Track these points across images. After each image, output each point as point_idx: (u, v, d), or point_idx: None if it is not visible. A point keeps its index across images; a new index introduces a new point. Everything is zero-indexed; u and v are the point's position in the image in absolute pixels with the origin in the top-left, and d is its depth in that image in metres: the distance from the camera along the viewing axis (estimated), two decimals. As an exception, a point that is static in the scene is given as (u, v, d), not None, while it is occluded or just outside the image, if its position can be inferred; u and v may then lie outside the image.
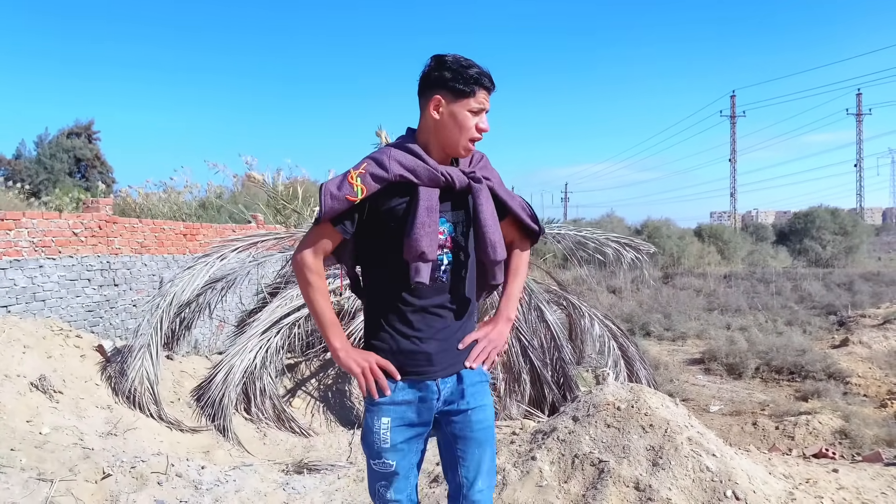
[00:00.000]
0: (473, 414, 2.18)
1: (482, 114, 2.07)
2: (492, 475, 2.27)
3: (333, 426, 6.83)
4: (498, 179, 2.20)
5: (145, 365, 5.82)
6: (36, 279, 7.61)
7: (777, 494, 3.34)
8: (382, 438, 2.13)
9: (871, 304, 18.29)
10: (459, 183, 2.07)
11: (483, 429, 2.21)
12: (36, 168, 28.48)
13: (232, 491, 3.92)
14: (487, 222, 2.10)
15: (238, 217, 14.33)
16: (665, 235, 30.22)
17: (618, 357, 7.18)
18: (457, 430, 2.21)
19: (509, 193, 2.23)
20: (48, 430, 4.43)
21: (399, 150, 2.07)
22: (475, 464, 2.20)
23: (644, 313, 18.12)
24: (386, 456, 2.14)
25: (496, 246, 2.11)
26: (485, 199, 2.10)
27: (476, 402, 2.19)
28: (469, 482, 2.21)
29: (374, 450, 2.14)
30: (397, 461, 2.15)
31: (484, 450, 2.21)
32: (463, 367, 2.17)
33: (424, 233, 2.01)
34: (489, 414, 2.24)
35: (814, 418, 8.75)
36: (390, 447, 2.13)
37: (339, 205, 2.02)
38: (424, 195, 2.03)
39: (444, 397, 2.15)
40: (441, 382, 2.13)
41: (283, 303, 6.78)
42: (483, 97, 2.06)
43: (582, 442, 3.52)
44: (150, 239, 9.76)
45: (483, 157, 2.20)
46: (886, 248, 44.31)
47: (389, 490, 2.18)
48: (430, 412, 2.15)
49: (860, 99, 56.09)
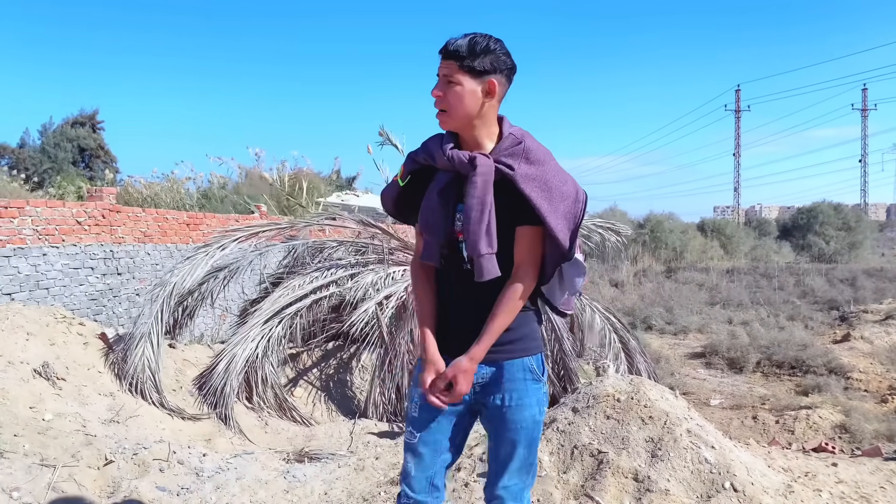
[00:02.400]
0: (509, 412, 2.13)
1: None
2: (523, 475, 2.20)
3: (335, 416, 6.86)
4: (534, 173, 2.00)
5: (147, 353, 5.84)
6: (39, 267, 7.63)
7: (775, 487, 3.35)
8: (413, 408, 2.21)
9: (873, 299, 18.27)
10: (461, 168, 2.04)
11: (519, 429, 2.14)
12: (40, 157, 28.51)
13: (233, 478, 3.94)
14: (470, 214, 2.01)
15: (241, 207, 14.34)
16: (668, 230, 30.16)
17: (618, 350, 7.20)
18: (491, 425, 2.20)
19: (547, 194, 1.99)
20: (51, 417, 4.45)
21: (435, 136, 2.13)
22: (504, 460, 2.19)
23: (646, 307, 18.11)
24: (412, 426, 2.21)
25: (476, 240, 2.00)
26: (477, 188, 1.99)
27: (514, 400, 2.12)
28: (496, 476, 2.21)
29: (407, 419, 2.24)
30: (421, 435, 2.19)
31: (516, 449, 2.16)
32: (503, 358, 2.10)
33: (428, 213, 2.09)
34: (528, 415, 2.14)
35: (814, 413, 8.76)
36: (417, 418, 2.19)
37: (389, 190, 2.23)
38: (438, 178, 2.10)
39: (478, 382, 2.12)
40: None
41: (285, 293, 6.79)
42: (442, 64, 2.03)
43: (581, 433, 3.53)
44: (154, 228, 9.77)
45: (518, 144, 2.04)
46: (890, 244, 44.18)
47: (410, 463, 2.22)
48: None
49: (865, 94, 55.84)
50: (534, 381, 2.14)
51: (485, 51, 1.99)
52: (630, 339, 7.52)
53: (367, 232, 7.98)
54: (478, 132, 2.06)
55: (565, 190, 2.02)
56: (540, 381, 2.17)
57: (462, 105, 2.00)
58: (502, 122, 2.10)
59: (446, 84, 2.01)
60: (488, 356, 2.09)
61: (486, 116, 2.05)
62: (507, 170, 2.00)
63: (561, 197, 2.01)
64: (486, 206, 1.99)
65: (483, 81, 2.00)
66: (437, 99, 2.02)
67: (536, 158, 2.02)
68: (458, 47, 1.98)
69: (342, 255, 7.88)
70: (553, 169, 2.04)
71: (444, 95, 2.01)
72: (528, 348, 2.14)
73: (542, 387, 2.18)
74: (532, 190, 1.98)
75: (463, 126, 2.06)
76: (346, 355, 7.60)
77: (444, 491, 2.29)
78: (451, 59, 2.00)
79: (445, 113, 2.03)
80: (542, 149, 2.06)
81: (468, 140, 2.07)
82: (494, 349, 2.09)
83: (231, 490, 3.80)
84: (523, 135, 2.07)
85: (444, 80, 2.01)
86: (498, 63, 2.02)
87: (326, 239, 8.37)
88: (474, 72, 1.99)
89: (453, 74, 1.99)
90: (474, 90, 2.00)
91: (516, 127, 2.11)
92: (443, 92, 2.01)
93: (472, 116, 2.03)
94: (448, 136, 2.10)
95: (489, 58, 2.00)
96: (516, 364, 2.12)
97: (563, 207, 2.01)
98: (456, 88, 2.00)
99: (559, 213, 2.00)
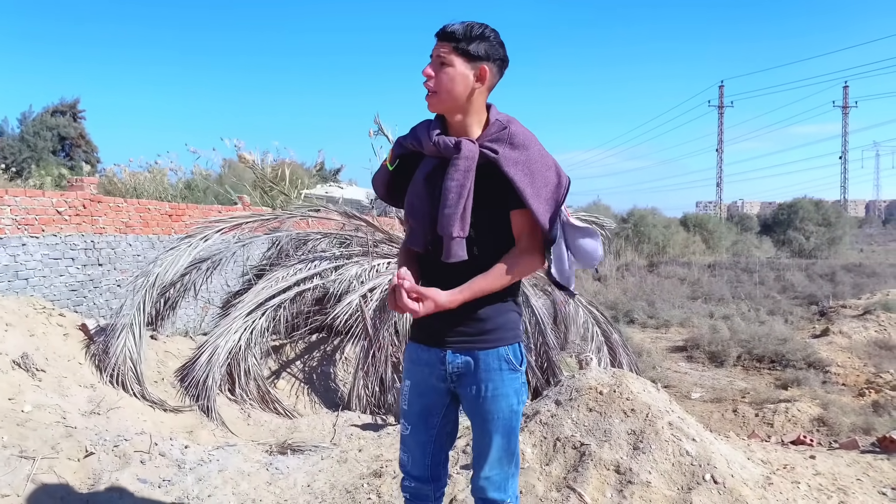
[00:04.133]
0: (486, 402, 2.14)
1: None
2: (504, 465, 2.21)
3: (318, 408, 6.84)
4: (518, 157, 2.01)
5: (128, 344, 5.79)
6: (19, 257, 7.54)
7: (755, 479, 3.39)
8: (403, 401, 2.26)
9: (852, 294, 18.53)
10: (446, 152, 2.04)
11: (496, 419, 2.15)
12: (19, 146, 28.08)
13: (215, 470, 3.92)
14: (448, 195, 2.01)
15: (224, 198, 14.23)
16: (651, 224, 30.34)
17: (601, 343, 7.24)
18: (470, 415, 2.22)
19: (530, 178, 2.00)
20: (30, 409, 4.41)
21: (424, 122, 2.13)
22: (483, 450, 2.20)
23: (629, 301, 18.25)
24: (404, 418, 2.27)
25: (449, 222, 2.00)
26: (458, 171, 1.99)
27: (490, 390, 2.13)
28: (478, 467, 2.23)
29: (401, 412, 2.29)
30: (412, 426, 2.25)
31: (494, 439, 2.17)
32: (478, 348, 2.11)
33: (413, 198, 2.11)
34: (505, 405, 2.15)
35: (793, 406, 8.88)
36: (408, 410, 2.25)
37: (380, 175, 2.24)
38: (424, 163, 2.11)
39: (455, 373, 2.14)
40: (450, 356, 2.13)
41: (268, 285, 6.76)
42: (437, 46, 2.03)
43: (564, 425, 3.55)
44: (136, 219, 9.68)
45: (503, 129, 2.04)
46: (868, 239, 44.82)
47: (405, 454, 2.29)
48: (441, 382, 2.17)
49: (847, 91, 56.59)
50: (510, 371, 2.15)
51: (480, 37, 2.00)
52: (613, 332, 7.57)
53: (352, 224, 7.95)
54: (466, 118, 2.06)
55: (549, 175, 2.04)
56: (517, 370, 2.17)
57: (453, 87, 2.00)
58: (490, 109, 2.10)
59: (439, 65, 2.01)
60: (464, 346, 2.11)
61: (474, 102, 2.05)
62: (491, 153, 2.00)
63: (544, 181, 2.02)
64: (464, 189, 2.00)
65: (476, 66, 2.01)
66: (428, 78, 2.02)
67: (520, 143, 2.03)
68: (455, 30, 1.99)
69: (326, 247, 7.85)
70: (537, 153, 2.04)
71: (435, 75, 2.01)
72: (504, 338, 2.15)
73: (520, 376, 2.19)
74: (516, 173, 1.99)
75: (450, 109, 2.05)
76: (330, 348, 7.59)
77: (447, 479, 2.35)
78: (447, 41, 2.00)
79: (435, 94, 2.02)
80: (526, 133, 2.06)
81: (455, 126, 2.07)
82: (470, 339, 2.11)
83: (213, 482, 3.79)
84: (509, 120, 2.08)
85: (437, 61, 2.01)
86: (492, 51, 2.02)
87: (310, 231, 8.33)
88: (468, 55, 2.00)
89: (447, 56, 2.00)
90: (466, 74, 2.00)
91: (503, 114, 2.11)
92: (434, 72, 2.01)
93: (461, 100, 2.02)
94: (436, 122, 2.10)
95: (484, 44, 2.00)
96: (492, 354, 2.13)
97: (546, 192, 2.02)
98: (448, 70, 2.00)
99: (542, 197, 2.01)
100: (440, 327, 2.12)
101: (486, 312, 2.11)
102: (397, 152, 2.18)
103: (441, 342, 2.14)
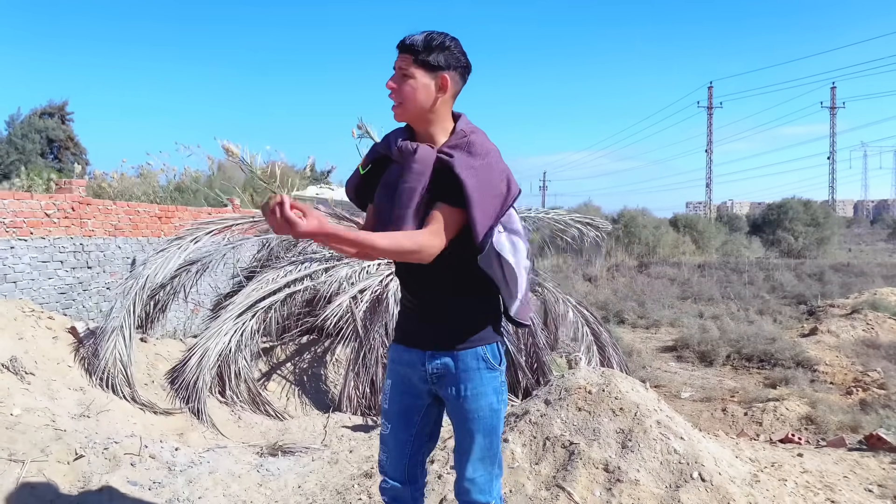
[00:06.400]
0: (466, 402, 2.16)
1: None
2: (487, 465, 2.22)
3: (308, 410, 6.84)
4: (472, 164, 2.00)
5: (118, 347, 5.78)
6: (7, 260, 7.51)
7: (742, 476, 3.42)
8: (384, 400, 2.32)
9: (840, 294, 18.63)
10: (405, 156, 2.08)
11: (477, 419, 2.17)
12: (6, 148, 27.91)
13: (206, 472, 3.92)
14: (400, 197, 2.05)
15: (214, 201, 14.20)
16: (641, 225, 30.44)
17: (591, 343, 7.27)
18: (451, 416, 2.24)
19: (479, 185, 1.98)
20: (19, 412, 4.39)
21: (397, 129, 2.18)
22: (465, 451, 2.22)
23: (618, 301, 18.30)
24: (384, 418, 2.32)
25: (400, 220, 2.03)
26: (409, 174, 2.03)
27: (469, 390, 2.16)
28: (461, 468, 2.24)
29: (382, 411, 2.34)
30: (391, 425, 2.29)
31: (475, 438, 2.19)
32: (453, 348, 2.15)
33: (378, 201, 2.17)
34: (484, 404, 2.17)
35: (781, 405, 8.93)
36: (388, 410, 2.30)
37: (352, 179, 2.29)
38: (391, 169, 2.15)
39: (435, 374, 2.17)
40: (429, 357, 2.17)
41: (258, 286, 6.75)
42: (398, 58, 2.07)
43: (553, 425, 3.57)
44: (125, 221, 9.65)
45: (464, 137, 2.06)
46: (857, 239, 45.12)
47: (384, 454, 2.32)
48: (423, 383, 2.21)
49: (834, 92, 56.91)
50: (488, 370, 2.17)
51: (439, 47, 2.04)
52: (602, 332, 7.60)
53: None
54: (431, 127, 2.10)
55: (500, 188, 2.03)
56: (495, 369, 2.19)
57: (415, 98, 2.05)
58: (459, 119, 2.14)
59: (401, 77, 2.06)
60: (443, 345, 2.16)
61: (438, 111, 2.09)
62: (447, 157, 2.03)
63: (492, 194, 2.01)
64: (415, 192, 2.03)
65: (436, 76, 2.05)
66: (391, 90, 2.07)
67: (478, 152, 2.03)
68: (414, 42, 2.03)
69: (316, 248, 7.85)
70: (492, 165, 2.04)
71: (397, 87, 2.06)
72: (482, 338, 2.17)
73: (499, 375, 2.21)
74: (468, 178, 1.98)
75: (415, 119, 2.11)
76: (321, 349, 7.58)
77: (425, 480, 2.36)
78: (407, 53, 2.05)
79: (400, 105, 2.08)
80: (487, 144, 2.08)
81: (422, 133, 2.12)
82: (448, 340, 2.15)
83: (204, 484, 3.79)
84: (473, 130, 2.11)
85: (399, 74, 2.06)
86: (452, 60, 2.06)
87: (301, 232, 8.30)
88: (428, 66, 2.04)
89: (408, 68, 2.04)
90: (427, 84, 2.04)
91: (471, 125, 2.14)
92: (397, 84, 2.06)
93: (424, 110, 2.07)
94: (406, 130, 2.15)
95: (443, 54, 2.05)
96: (469, 354, 2.15)
97: (491, 205, 2.00)
98: (410, 81, 2.04)
99: (485, 206, 1.99)
100: (420, 328, 2.19)
101: (465, 313, 2.16)
102: (370, 157, 2.23)
103: (421, 343, 2.19)
